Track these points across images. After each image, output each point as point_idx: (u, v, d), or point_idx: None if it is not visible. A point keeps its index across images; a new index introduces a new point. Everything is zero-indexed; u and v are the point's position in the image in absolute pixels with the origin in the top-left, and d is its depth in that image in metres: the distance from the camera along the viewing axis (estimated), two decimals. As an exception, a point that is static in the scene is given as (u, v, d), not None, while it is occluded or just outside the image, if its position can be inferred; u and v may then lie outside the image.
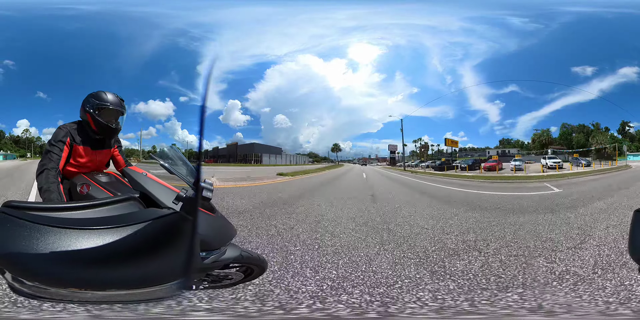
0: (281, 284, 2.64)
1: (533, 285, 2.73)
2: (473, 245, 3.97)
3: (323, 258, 3.38)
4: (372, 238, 4.31)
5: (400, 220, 5.49)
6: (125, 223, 1.13)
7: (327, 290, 2.58)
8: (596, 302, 2.38)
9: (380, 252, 3.67)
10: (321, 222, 5.24)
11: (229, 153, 22.18)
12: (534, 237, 4.35)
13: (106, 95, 2.33)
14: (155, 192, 1.64)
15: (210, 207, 1.67)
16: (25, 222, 1.07)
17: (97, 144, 2.42)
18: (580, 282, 2.77)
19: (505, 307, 2.32)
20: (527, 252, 3.68)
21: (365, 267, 3.14)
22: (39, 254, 1.02)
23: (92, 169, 2.45)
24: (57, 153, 2.19)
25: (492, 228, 4.97)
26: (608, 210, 5.98)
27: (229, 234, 1.76)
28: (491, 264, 3.27)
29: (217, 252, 1.64)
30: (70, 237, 1.06)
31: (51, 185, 2.02)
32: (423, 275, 2.95)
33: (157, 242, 1.16)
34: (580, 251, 3.64)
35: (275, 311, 2.22)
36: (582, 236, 4.29)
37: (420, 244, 4.04)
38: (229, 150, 22.19)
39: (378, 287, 2.66)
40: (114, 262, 1.09)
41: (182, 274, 1.20)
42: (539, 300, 2.43)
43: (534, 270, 3.08)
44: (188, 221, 1.24)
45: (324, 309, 2.28)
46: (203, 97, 1.29)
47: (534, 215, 5.98)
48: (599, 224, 4.94)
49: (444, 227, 5.01)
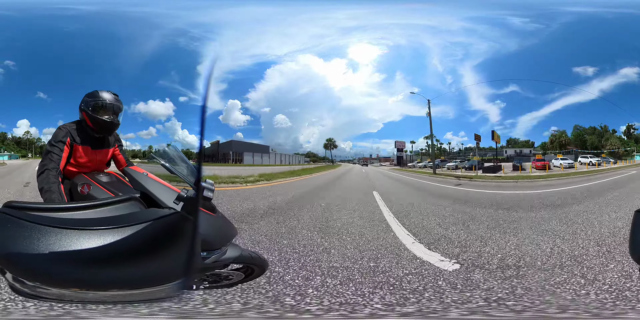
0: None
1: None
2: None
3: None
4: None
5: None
6: (126, 223, 1.13)
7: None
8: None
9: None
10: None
11: (212, 152, 21.87)
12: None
13: (101, 93, 2.34)
14: (156, 192, 1.64)
15: (211, 206, 1.67)
16: (25, 222, 1.07)
17: (97, 143, 2.43)
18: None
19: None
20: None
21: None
22: (40, 254, 1.02)
23: (92, 168, 2.45)
24: (58, 153, 2.19)
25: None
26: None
27: (229, 233, 1.76)
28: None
29: (218, 252, 1.64)
30: (71, 238, 1.06)
31: (52, 185, 2.02)
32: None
33: (158, 242, 1.16)
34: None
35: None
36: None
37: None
38: (212, 150, 21.89)
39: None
40: (115, 262, 1.09)
41: (183, 273, 1.20)
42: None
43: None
44: (189, 221, 1.25)
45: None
46: (204, 97, 1.29)
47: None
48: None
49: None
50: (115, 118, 2.38)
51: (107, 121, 2.34)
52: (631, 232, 1.55)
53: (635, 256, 1.51)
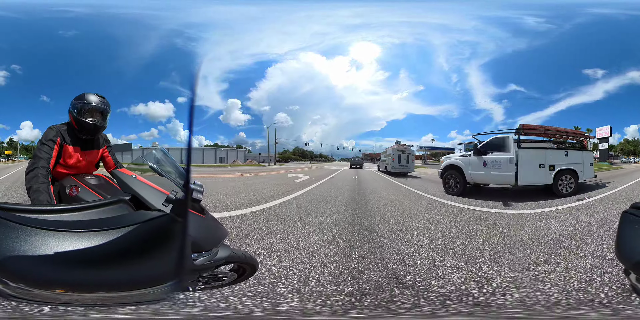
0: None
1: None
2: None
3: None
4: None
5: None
6: (114, 226, 1.12)
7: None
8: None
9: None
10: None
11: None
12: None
13: (87, 95, 2.33)
14: (145, 194, 1.63)
15: (200, 208, 1.67)
16: (12, 223, 1.06)
17: (86, 144, 2.42)
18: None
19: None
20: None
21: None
22: (26, 256, 1.01)
23: (81, 170, 2.43)
24: (48, 152, 2.17)
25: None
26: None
27: (220, 234, 1.77)
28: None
29: (209, 253, 1.65)
30: (59, 240, 1.05)
31: (41, 185, 1.98)
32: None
33: (148, 244, 1.16)
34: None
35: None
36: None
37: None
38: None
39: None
40: (103, 264, 1.08)
41: (174, 275, 1.20)
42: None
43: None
44: (178, 223, 1.25)
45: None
46: (191, 97, 1.29)
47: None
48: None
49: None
50: (100, 120, 2.37)
51: (90, 123, 2.32)
52: (618, 232, 1.54)
53: (621, 257, 1.50)
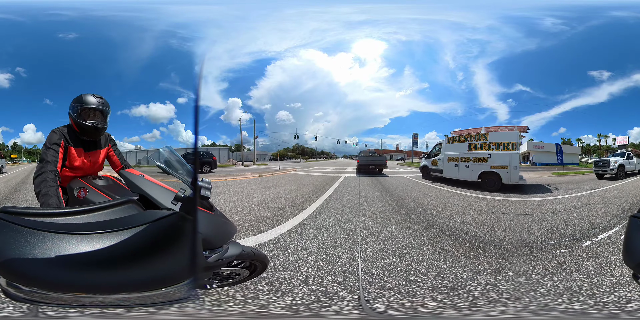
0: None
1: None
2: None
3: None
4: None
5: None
6: (125, 226, 1.12)
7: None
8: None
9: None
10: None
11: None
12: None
13: (85, 97, 2.31)
14: (154, 193, 1.62)
15: (209, 205, 1.66)
16: (21, 227, 1.06)
17: (89, 145, 2.41)
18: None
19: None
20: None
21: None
22: (38, 259, 1.01)
23: (87, 171, 2.43)
24: (54, 155, 2.16)
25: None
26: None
27: (229, 231, 1.76)
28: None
29: (220, 250, 1.64)
30: (70, 242, 1.05)
31: (50, 189, 1.98)
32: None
33: (159, 243, 1.15)
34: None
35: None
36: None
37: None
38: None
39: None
40: (115, 266, 1.08)
41: (189, 274, 1.20)
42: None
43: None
44: (188, 221, 1.24)
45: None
46: (195, 97, 1.28)
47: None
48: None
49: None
50: (100, 121, 2.35)
51: (90, 126, 2.31)
52: (625, 237, 1.51)
53: (629, 262, 1.47)
